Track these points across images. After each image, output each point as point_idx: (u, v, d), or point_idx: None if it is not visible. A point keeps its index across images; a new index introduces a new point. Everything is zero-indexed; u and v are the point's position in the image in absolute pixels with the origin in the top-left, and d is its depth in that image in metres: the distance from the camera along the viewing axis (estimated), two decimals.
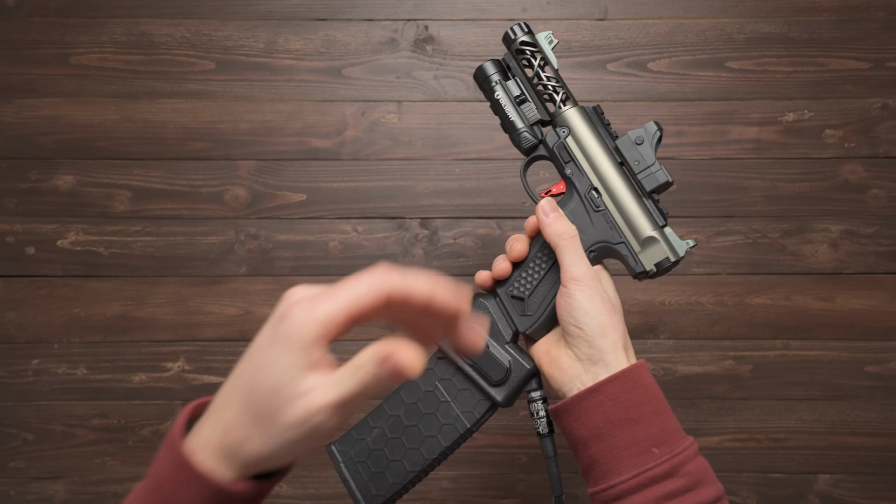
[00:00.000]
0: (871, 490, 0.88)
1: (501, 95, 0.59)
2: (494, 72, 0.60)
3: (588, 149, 0.58)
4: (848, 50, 0.91)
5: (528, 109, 0.59)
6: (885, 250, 0.89)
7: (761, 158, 0.90)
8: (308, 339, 0.35)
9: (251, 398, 0.37)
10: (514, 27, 0.60)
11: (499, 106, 0.59)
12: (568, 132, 0.58)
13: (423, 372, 0.56)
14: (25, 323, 0.89)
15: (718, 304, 0.89)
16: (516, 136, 0.59)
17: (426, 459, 0.56)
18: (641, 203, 0.57)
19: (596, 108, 0.59)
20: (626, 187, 0.57)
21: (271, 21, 0.91)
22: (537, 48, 0.59)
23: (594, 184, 0.58)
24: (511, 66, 0.60)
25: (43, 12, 0.91)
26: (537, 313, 0.57)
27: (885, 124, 0.90)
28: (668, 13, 0.91)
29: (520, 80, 0.60)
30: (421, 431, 0.57)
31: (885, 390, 0.89)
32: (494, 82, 0.59)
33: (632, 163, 0.57)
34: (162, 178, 0.90)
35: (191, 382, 0.89)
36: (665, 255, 0.56)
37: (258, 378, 0.37)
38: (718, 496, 0.50)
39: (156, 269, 0.89)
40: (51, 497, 0.88)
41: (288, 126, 0.90)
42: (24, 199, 0.89)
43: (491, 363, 0.56)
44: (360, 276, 0.35)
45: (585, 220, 0.57)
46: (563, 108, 0.59)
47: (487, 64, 0.60)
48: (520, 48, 0.59)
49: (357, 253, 0.90)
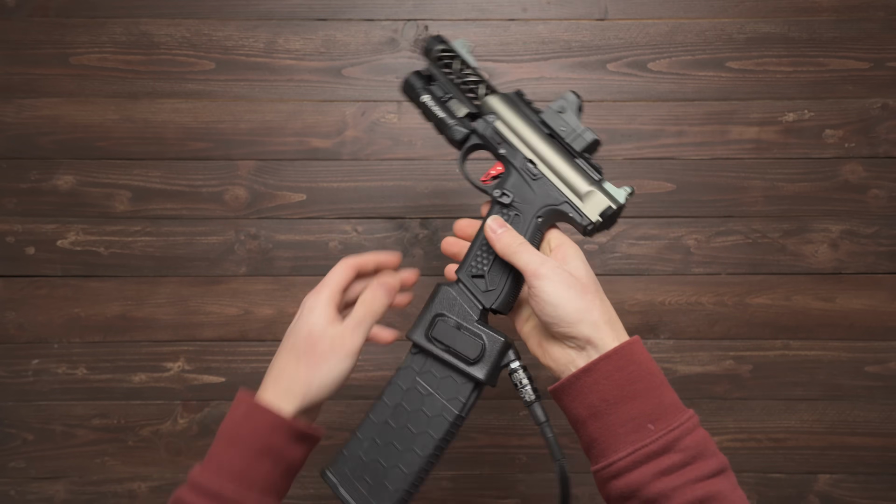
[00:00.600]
0: (871, 490, 0.88)
1: (427, 99, 0.63)
2: (418, 81, 0.64)
3: (516, 126, 0.61)
4: (848, 50, 0.91)
5: (455, 106, 0.63)
6: (885, 250, 0.89)
7: (761, 158, 0.90)
8: (322, 303, 0.57)
9: (294, 346, 0.56)
10: (430, 39, 0.64)
11: (427, 108, 0.63)
12: (495, 117, 0.62)
13: (402, 370, 0.57)
14: (25, 323, 0.89)
15: (718, 304, 0.89)
16: (448, 131, 0.62)
17: (421, 457, 0.56)
18: (574, 164, 0.60)
19: (517, 92, 0.62)
20: (557, 152, 0.60)
21: (271, 21, 0.91)
22: (454, 53, 0.64)
23: (527, 156, 0.61)
24: (433, 73, 0.64)
25: (43, 12, 0.91)
26: (499, 286, 0.58)
27: (885, 124, 0.90)
28: (668, 13, 0.91)
29: (443, 82, 0.64)
30: (410, 430, 0.56)
31: (885, 390, 0.89)
32: (420, 89, 0.63)
33: (559, 130, 0.60)
34: (162, 178, 0.90)
35: (191, 382, 0.89)
36: (607, 204, 0.58)
37: (297, 333, 0.56)
38: (719, 468, 0.50)
39: (156, 269, 0.89)
40: (51, 497, 0.88)
41: (288, 126, 0.90)
42: (24, 199, 0.89)
43: (465, 343, 0.57)
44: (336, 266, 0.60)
45: (527, 190, 0.60)
46: (489, 96, 0.62)
47: (410, 75, 0.64)
48: (438, 56, 0.64)
49: (357, 253, 0.89)
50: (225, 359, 0.89)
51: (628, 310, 0.89)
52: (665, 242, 0.90)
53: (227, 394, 0.89)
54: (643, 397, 0.51)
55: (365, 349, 0.57)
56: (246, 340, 0.89)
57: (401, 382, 0.57)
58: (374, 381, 0.89)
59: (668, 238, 0.90)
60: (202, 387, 0.89)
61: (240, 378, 0.89)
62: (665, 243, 0.90)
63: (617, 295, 0.89)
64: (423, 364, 0.57)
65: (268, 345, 0.89)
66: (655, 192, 0.90)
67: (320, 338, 0.55)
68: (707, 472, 0.49)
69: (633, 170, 0.90)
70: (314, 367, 0.55)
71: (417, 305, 0.62)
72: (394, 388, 0.57)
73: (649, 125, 0.90)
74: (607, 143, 0.90)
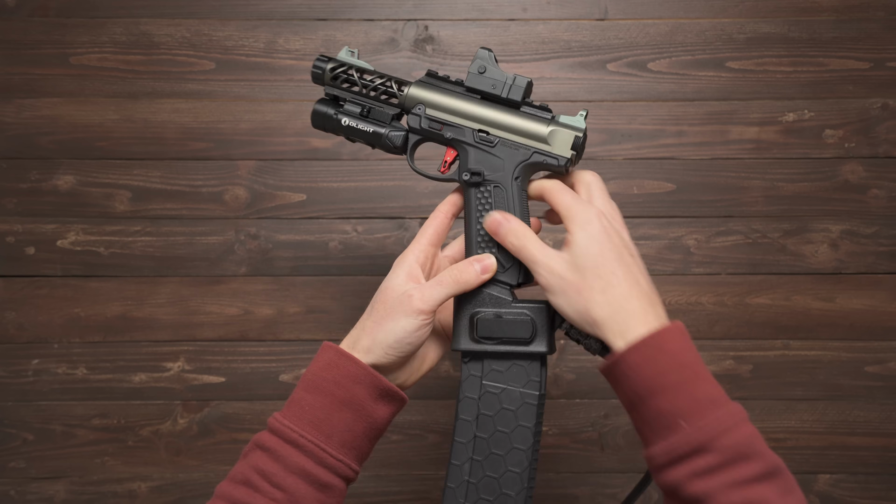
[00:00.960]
0: (871, 490, 0.88)
1: (348, 120, 0.61)
2: (327, 108, 0.62)
3: (448, 106, 0.60)
4: (848, 50, 0.91)
5: (378, 114, 0.61)
6: (885, 250, 0.89)
7: (761, 158, 0.90)
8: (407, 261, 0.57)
9: (372, 302, 0.57)
10: (315, 64, 0.62)
11: (352, 130, 0.61)
12: (424, 107, 0.60)
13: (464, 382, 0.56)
14: (25, 323, 0.89)
15: (718, 304, 0.89)
16: (385, 140, 0.60)
17: (525, 450, 0.55)
18: (522, 114, 0.59)
19: (430, 73, 0.61)
20: (501, 111, 0.59)
21: (271, 21, 0.91)
22: (346, 65, 0.61)
23: (475, 127, 0.59)
24: (337, 94, 0.62)
25: (43, 12, 0.91)
26: (515, 260, 0.57)
27: (885, 124, 0.90)
28: (668, 13, 0.91)
29: (353, 99, 0.62)
30: (503, 432, 0.55)
31: (885, 390, 0.89)
32: (334, 115, 0.61)
33: (490, 90, 0.59)
34: (162, 178, 0.90)
35: (191, 382, 0.89)
36: (573, 135, 0.57)
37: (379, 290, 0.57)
38: (766, 471, 0.45)
39: (156, 269, 0.89)
40: (51, 497, 0.88)
41: (288, 126, 0.90)
42: (24, 199, 0.89)
43: (514, 327, 0.56)
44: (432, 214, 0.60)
45: (492, 159, 0.59)
46: (405, 92, 0.61)
47: (316, 107, 0.62)
48: (333, 76, 0.62)
49: (357, 253, 0.90)
50: (225, 359, 0.89)
51: None
52: (665, 242, 0.90)
53: (227, 394, 0.89)
54: (674, 391, 0.48)
55: None
56: (246, 340, 0.89)
57: (470, 394, 0.56)
58: None
59: (668, 238, 0.90)
60: (202, 387, 0.89)
61: (240, 378, 0.89)
62: (665, 243, 0.90)
63: None
64: (482, 367, 0.57)
65: (268, 345, 0.89)
66: (655, 192, 0.90)
67: (392, 293, 0.55)
68: (749, 476, 0.45)
69: (633, 170, 0.90)
70: (380, 321, 0.55)
71: None
72: (465, 402, 0.56)
73: (649, 125, 0.90)
74: (607, 143, 0.90)
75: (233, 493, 0.52)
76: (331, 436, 0.53)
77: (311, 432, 0.52)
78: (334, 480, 0.53)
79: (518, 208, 0.58)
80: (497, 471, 0.55)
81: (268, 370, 0.89)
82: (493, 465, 0.55)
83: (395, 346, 0.54)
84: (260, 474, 0.51)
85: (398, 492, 0.88)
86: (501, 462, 0.55)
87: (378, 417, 0.55)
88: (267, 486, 0.51)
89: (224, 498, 0.52)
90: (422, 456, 0.89)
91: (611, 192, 0.82)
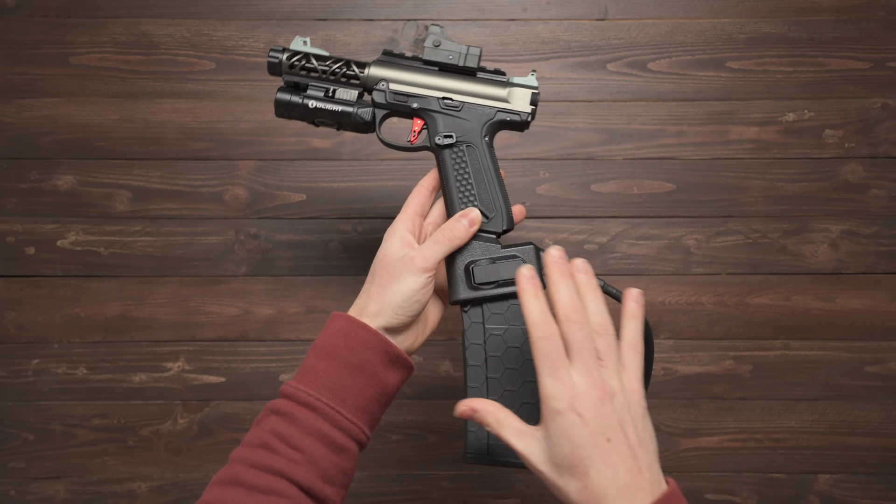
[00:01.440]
0: (871, 490, 0.88)
1: (315, 103, 0.63)
2: (290, 96, 0.63)
3: (411, 80, 0.63)
4: (848, 50, 0.91)
5: (343, 94, 0.64)
6: (885, 250, 0.89)
7: (761, 158, 0.90)
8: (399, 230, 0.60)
9: (372, 272, 0.60)
10: (270, 55, 0.63)
11: (320, 111, 0.63)
12: (386, 83, 0.63)
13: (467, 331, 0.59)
14: (25, 323, 0.89)
15: (718, 304, 0.89)
16: (355, 117, 0.63)
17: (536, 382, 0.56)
18: (481, 80, 0.64)
19: (386, 51, 0.65)
20: (461, 79, 0.63)
21: (271, 21, 0.91)
22: (302, 52, 0.64)
23: (439, 96, 0.63)
24: (297, 82, 0.64)
25: (43, 12, 0.91)
26: (497, 207, 0.61)
27: (885, 124, 0.90)
28: (668, 13, 0.91)
29: (315, 83, 0.64)
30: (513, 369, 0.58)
31: (885, 390, 0.89)
32: (300, 100, 0.63)
33: (448, 61, 0.63)
34: (162, 178, 0.90)
35: (191, 382, 0.89)
36: (529, 93, 0.63)
37: (375, 260, 0.59)
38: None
39: (156, 269, 0.89)
40: (51, 497, 0.88)
41: (288, 126, 0.90)
42: (24, 199, 0.89)
43: (509, 269, 0.59)
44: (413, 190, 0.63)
45: (460, 122, 0.63)
46: (366, 73, 0.64)
47: (278, 96, 0.63)
48: (291, 63, 0.63)
49: (357, 253, 0.90)
50: (225, 359, 0.89)
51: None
52: (665, 242, 0.90)
53: (227, 394, 0.89)
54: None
55: None
56: (246, 340, 0.89)
57: (475, 340, 0.59)
58: None
59: (668, 238, 0.90)
60: (202, 387, 0.89)
61: (240, 378, 0.89)
62: (665, 243, 0.90)
63: None
64: (482, 312, 0.59)
65: (268, 345, 0.89)
66: (655, 192, 0.90)
67: (393, 258, 0.58)
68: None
69: (633, 170, 0.90)
70: (385, 285, 0.58)
71: None
72: (472, 349, 0.58)
73: (649, 125, 0.90)
74: (607, 143, 0.90)
75: (251, 457, 0.52)
76: (345, 399, 0.54)
77: (326, 396, 0.54)
78: (349, 443, 0.54)
79: (491, 164, 0.62)
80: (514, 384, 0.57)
81: (268, 370, 0.89)
82: (508, 403, 0.56)
83: (404, 306, 0.57)
84: (277, 437, 0.53)
85: (398, 492, 0.88)
86: (515, 397, 0.57)
87: (389, 383, 0.57)
88: (285, 448, 0.52)
89: (241, 462, 0.53)
90: (422, 456, 0.89)
91: (611, 192, 0.82)
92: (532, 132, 0.90)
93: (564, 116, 0.91)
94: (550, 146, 0.90)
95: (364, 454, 0.88)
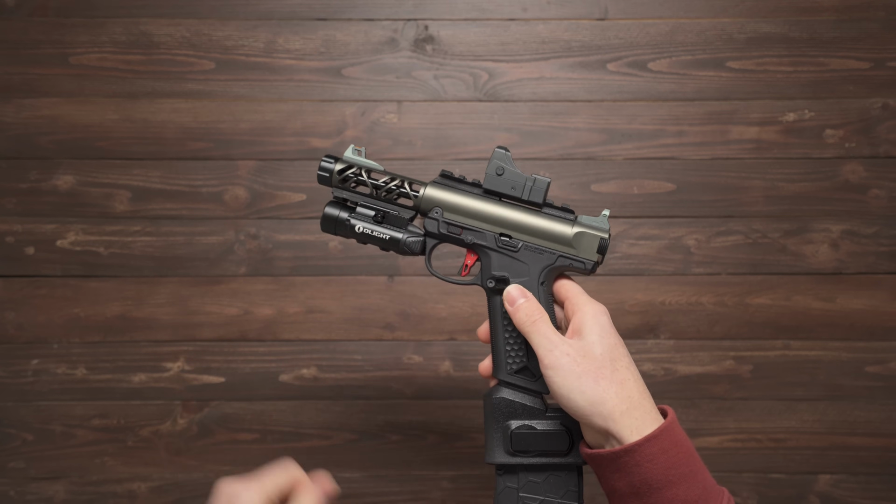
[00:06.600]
0: (871, 490, 0.88)
1: (362, 226, 0.58)
2: (339, 212, 0.59)
3: (468, 209, 0.58)
4: (848, 50, 0.91)
5: (394, 218, 0.59)
6: (885, 250, 0.89)
7: (761, 158, 0.90)
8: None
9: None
10: (322, 165, 0.59)
11: (367, 237, 0.59)
12: (440, 209, 0.58)
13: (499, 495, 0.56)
14: (25, 323, 0.89)
15: (718, 304, 0.89)
16: (404, 246, 0.58)
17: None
18: (545, 215, 0.58)
19: (444, 173, 0.59)
20: (522, 214, 0.58)
21: (271, 21, 0.91)
22: (355, 166, 0.59)
23: (497, 232, 0.58)
24: (346, 197, 0.59)
25: (43, 12, 0.91)
26: None
27: (886, 124, 0.90)
28: (668, 13, 0.91)
29: (365, 202, 0.59)
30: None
31: (886, 390, 0.89)
32: (346, 220, 0.59)
33: (509, 192, 0.58)
34: (162, 178, 0.90)
35: (191, 382, 0.89)
36: (598, 237, 0.57)
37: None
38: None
39: (156, 269, 0.89)
40: (50, 497, 0.88)
41: (288, 126, 0.90)
42: (24, 199, 0.89)
43: (552, 440, 0.55)
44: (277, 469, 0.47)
45: (516, 264, 0.57)
46: (420, 194, 0.59)
47: (327, 211, 0.59)
48: (342, 178, 0.59)
49: (357, 253, 0.90)
50: (225, 359, 0.89)
51: (628, 310, 0.89)
52: (665, 242, 0.90)
53: (226, 394, 0.89)
54: (688, 481, 0.49)
55: (364, 349, 0.57)
56: (246, 340, 0.89)
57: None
58: (373, 382, 0.88)
59: (669, 238, 0.90)
60: (202, 387, 0.89)
61: (239, 378, 0.89)
62: (665, 243, 0.90)
63: (617, 295, 0.89)
64: (517, 479, 0.56)
65: (267, 345, 0.89)
66: (655, 192, 0.90)
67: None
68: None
69: (633, 170, 0.90)
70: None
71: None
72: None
73: (649, 125, 0.90)
74: (607, 143, 0.90)
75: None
76: None
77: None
78: None
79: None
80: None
81: (267, 370, 0.89)
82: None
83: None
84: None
85: (398, 492, 0.88)
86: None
87: None
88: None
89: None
90: (422, 456, 0.89)
91: (611, 192, 0.83)
92: (532, 132, 0.90)
93: (564, 116, 0.91)
94: (550, 146, 0.90)
95: (364, 454, 0.88)
